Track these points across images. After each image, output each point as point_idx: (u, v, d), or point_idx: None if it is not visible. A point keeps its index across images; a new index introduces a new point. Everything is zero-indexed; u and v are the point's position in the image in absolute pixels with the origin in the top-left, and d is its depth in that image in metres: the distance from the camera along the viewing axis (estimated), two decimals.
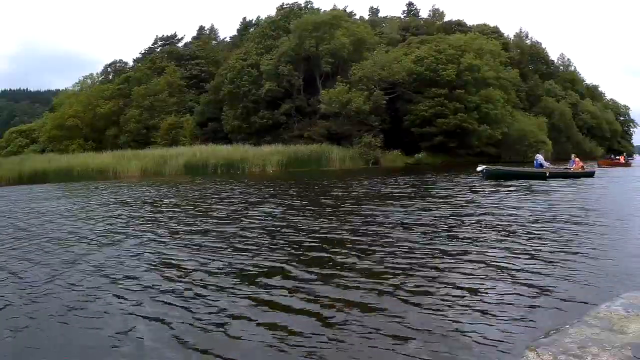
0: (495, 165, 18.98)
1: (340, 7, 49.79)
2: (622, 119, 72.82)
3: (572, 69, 65.75)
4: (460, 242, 5.41)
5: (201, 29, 67.31)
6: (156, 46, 62.26)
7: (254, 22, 59.81)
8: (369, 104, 34.39)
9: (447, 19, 59.27)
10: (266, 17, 51.66)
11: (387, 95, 35.96)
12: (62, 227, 7.74)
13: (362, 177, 19.22)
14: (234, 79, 40.24)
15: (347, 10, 50.12)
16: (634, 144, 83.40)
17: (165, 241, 6.16)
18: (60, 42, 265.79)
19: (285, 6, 48.81)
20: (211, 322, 3.20)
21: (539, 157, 17.25)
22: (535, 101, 50.46)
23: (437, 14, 60.60)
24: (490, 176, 15.57)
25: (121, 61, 63.66)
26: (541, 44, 58.47)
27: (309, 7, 48.12)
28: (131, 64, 61.86)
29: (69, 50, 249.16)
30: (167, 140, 42.36)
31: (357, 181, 16.96)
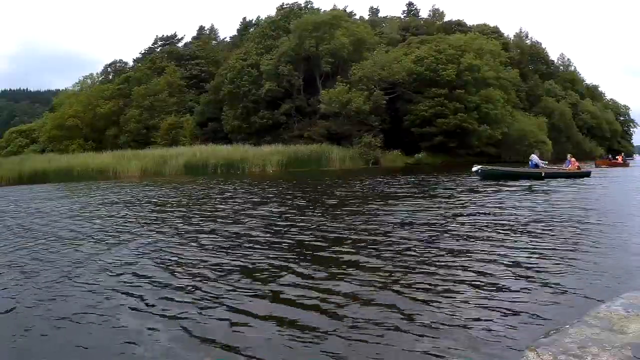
0: (491, 165, 18.90)
1: (340, 7, 49.88)
2: (622, 119, 72.88)
3: (572, 69, 65.87)
4: (460, 242, 5.41)
5: (201, 29, 67.39)
6: (156, 46, 62.30)
7: (254, 22, 59.86)
8: (369, 104, 34.40)
9: (447, 19, 59.38)
10: (266, 17, 51.71)
11: (387, 95, 35.97)
12: (69, 227, 7.73)
13: (362, 177, 19.22)
14: (234, 79, 40.26)
15: (347, 10, 50.19)
16: (634, 144, 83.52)
17: (173, 240, 6.18)
18: (60, 42, 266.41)
19: (285, 6, 48.83)
20: (224, 319, 3.23)
21: (534, 157, 17.13)
22: (535, 101, 50.47)
23: (437, 14, 60.65)
24: (485, 176, 15.44)
25: (121, 61, 63.80)
26: (541, 44, 58.61)
27: (309, 7, 48.14)
28: (131, 64, 61.98)
29: (69, 50, 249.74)
30: (167, 140, 42.37)
31: (359, 181, 16.97)
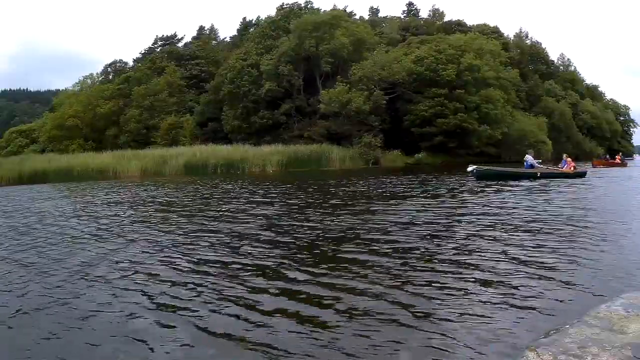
0: (486, 165, 18.81)
1: (340, 7, 49.91)
2: (622, 119, 72.90)
3: (572, 69, 65.90)
4: (460, 241, 5.41)
5: (201, 29, 67.41)
6: (156, 46, 62.35)
7: (254, 22, 59.90)
8: (369, 104, 34.42)
9: (447, 19, 59.41)
10: (266, 17, 51.77)
11: (387, 95, 35.99)
12: (75, 227, 7.71)
13: (363, 177, 19.22)
14: (234, 79, 40.28)
15: (347, 10, 50.25)
16: (634, 144, 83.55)
17: (180, 239, 6.19)
18: (60, 42, 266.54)
19: (285, 6, 48.87)
20: (235, 315, 3.25)
21: (529, 157, 16.92)
22: (535, 101, 50.49)
23: (437, 14, 60.66)
24: (481, 177, 15.27)
25: (121, 61, 63.87)
26: (541, 44, 58.64)
27: (309, 7, 48.19)
28: (131, 64, 62.07)
29: (69, 50, 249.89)
30: (167, 140, 42.41)
31: (359, 181, 16.96)
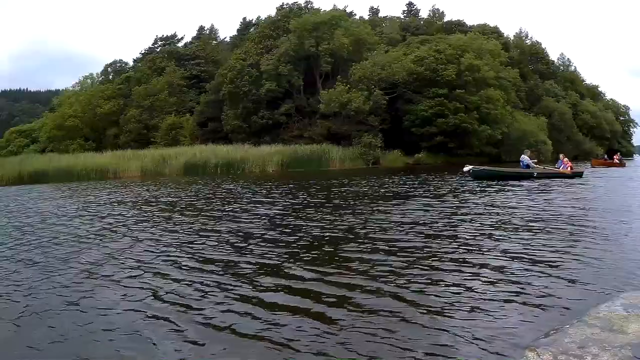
0: (482, 165, 18.77)
1: (340, 7, 49.80)
2: (622, 119, 72.85)
3: (572, 69, 65.88)
4: (460, 241, 5.41)
5: (201, 29, 67.23)
6: (156, 46, 62.20)
7: (254, 22, 59.80)
8: (368, 104, 34.40)
9: (447, 19, 59.24)
10: (266, 17, 51.70)
11: (387, 95, 35.96)
12: (80, 227, 7.72)
13: (363, 177, 19.22)
14: (234, 79, 40.24)
15: (347, 10, 50.14)
16: (634, 144, 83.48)
17: (186, 238, 6.21)
18: (61, 42, 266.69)
19: (285, 6, 48.83)
20: (244, 313, 3.29)
21: (525, 157, 16.76)
22: (535, 101, 50.45)
23: (437, 14, 60.54)
24: (477, 177, 15.23)
25: (121, 61, 63.73)
26: (541, 44, 58.47)
27: (308, 7, 48.13)
28: (131, 64, 61.94)
29: (69, 50, 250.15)
30: (167, 140, 42.38)
31: (360, 181, 16.97)
